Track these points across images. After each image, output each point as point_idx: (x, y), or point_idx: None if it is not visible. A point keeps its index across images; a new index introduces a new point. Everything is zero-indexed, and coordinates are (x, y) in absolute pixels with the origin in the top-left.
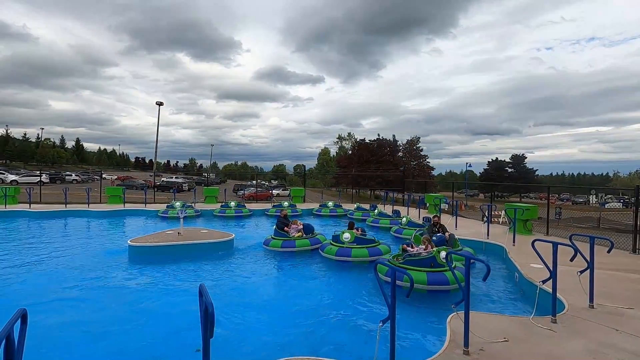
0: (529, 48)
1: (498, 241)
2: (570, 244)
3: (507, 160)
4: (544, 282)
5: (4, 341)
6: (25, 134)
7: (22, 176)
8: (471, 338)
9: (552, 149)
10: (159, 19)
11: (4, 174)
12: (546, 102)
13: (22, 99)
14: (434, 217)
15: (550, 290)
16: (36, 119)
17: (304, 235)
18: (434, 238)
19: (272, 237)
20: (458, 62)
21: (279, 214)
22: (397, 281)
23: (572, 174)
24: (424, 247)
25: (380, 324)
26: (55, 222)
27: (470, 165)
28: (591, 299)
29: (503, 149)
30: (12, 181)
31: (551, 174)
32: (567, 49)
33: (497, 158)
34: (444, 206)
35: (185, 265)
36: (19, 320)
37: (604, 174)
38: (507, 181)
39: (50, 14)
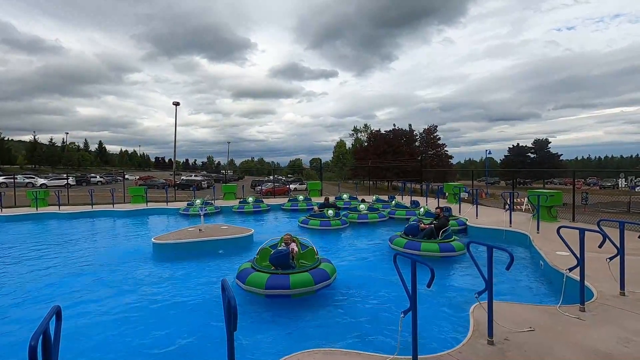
0: (546, 30)
1: (521, 229)
2: (598, 229)
3: (529, 145)
4: (570, 269)
5: (41, 337)
6: (51, 139)
7: (51, 180)
8: (495, 328)
9: (575, 132)
10: (179, 25)
11: (34, 178)
12: (565, 84)
13: (52, 107)
14: (436, 209)
15: (577, 278)
16: (64, 125)
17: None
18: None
19: (306, 217)
20: (471, 49)
21: (296, 207)
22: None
23: (599, 157)
24: (295, 247)
25: (402, 315)
26: (84, 223)
27: (489, 152)
28: (622, 286)
29: (523, 134)
30: (41, 185)
31: (576, 158)
32: (591, 27)
33: (518, 144)
34: (463, 195)
35: (207, 260)
36: (54, 317)
37: (633, 156)
38: (529, 167)
39: (78, 26)
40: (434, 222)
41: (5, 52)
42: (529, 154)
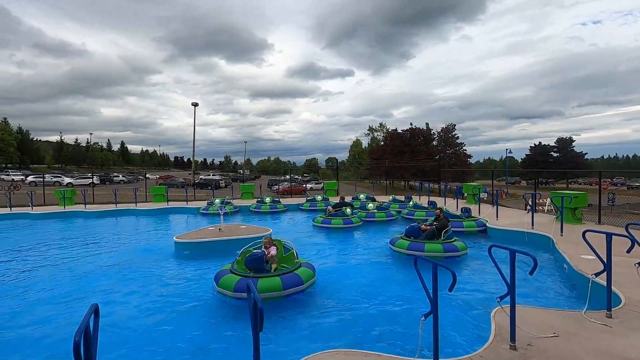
0: (569, 25)
1: (544, 231)
2: (627, 234)
3: (552, 144)
4: (597, 274)
5: (82, 334)
6: (76, 139)
7: (76, 179)
8: (518, 333)
9: (601, 130)
10: (198, 27)
11: (60, 177)
12: (590, 80)
13: (78, 108)
14: (436, 210)
15: (604, 283)
16: (88, 125)
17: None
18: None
19: (323, 217)
20: (490, 47)
21: (314, 207)
22: None
23: (627, 155)
24: (274, 251)
25: (423, 318)
26: (108, 221)
27: (510, 151)
28: None
29: (545, 132)
30: (67, 184)
31: (602, 156)
32: (618, 21)
33: (540, 142)
34: (483, 195)
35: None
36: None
37: None
38: (552, 166)
39: (102, 30)
40: (435, 223)
41: (35, 56)
42: (552, 152)
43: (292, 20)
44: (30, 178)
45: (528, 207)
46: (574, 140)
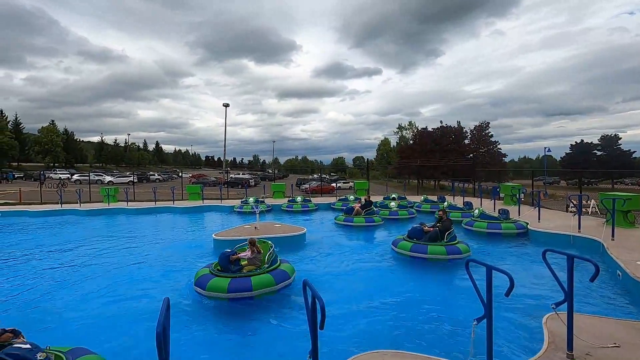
0: (612, 16)
1: (593, 235)
2: None
3: (595, 142)
4: None
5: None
6: (115, 140)
7: (116, 177)
8: (574, 341)
9: None
10: (228, 31)
11: (102, 175)
12: (637, 73)
13: (117, 111)
14: (439, 211)
15: None
16: (126, 126)
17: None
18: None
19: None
20: (524, 41)
21: (347, 206)
22: None
23: None
24: (249, 253)
25: (475, 322)
26: (150, 218)
27: (549, 150)
28: None
29: (586, 129)
30: (109, 182)
31: None
32: None
33: (582, 140)
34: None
35: None
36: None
37: None
38: (596, 165)
39: (140, 36)
40: (438, 225)
41: (80, 62)
42: (595, 151)
43: (319, 21)
44: (75, 177)
45: (572, 209)
46: (620, 138)
